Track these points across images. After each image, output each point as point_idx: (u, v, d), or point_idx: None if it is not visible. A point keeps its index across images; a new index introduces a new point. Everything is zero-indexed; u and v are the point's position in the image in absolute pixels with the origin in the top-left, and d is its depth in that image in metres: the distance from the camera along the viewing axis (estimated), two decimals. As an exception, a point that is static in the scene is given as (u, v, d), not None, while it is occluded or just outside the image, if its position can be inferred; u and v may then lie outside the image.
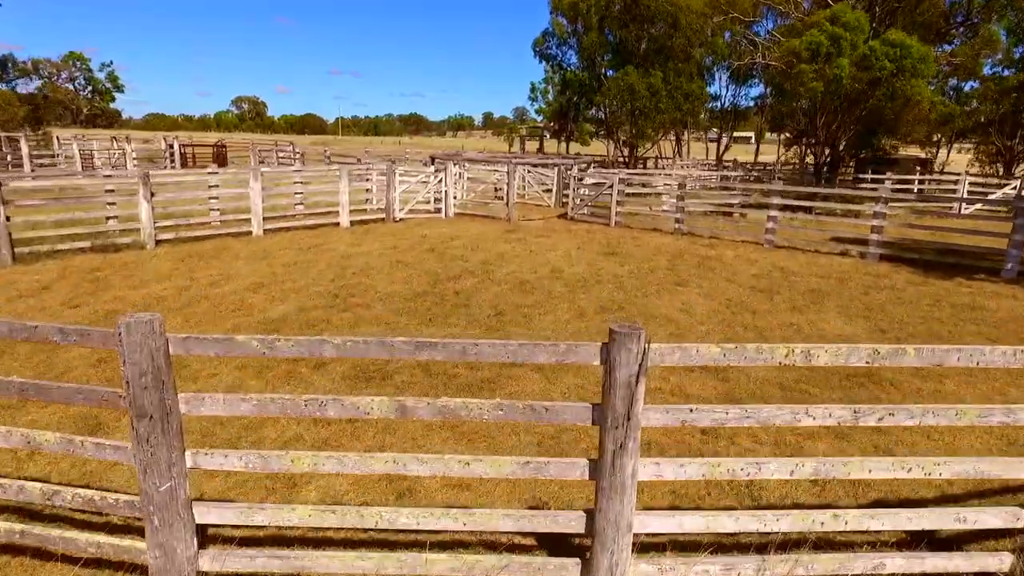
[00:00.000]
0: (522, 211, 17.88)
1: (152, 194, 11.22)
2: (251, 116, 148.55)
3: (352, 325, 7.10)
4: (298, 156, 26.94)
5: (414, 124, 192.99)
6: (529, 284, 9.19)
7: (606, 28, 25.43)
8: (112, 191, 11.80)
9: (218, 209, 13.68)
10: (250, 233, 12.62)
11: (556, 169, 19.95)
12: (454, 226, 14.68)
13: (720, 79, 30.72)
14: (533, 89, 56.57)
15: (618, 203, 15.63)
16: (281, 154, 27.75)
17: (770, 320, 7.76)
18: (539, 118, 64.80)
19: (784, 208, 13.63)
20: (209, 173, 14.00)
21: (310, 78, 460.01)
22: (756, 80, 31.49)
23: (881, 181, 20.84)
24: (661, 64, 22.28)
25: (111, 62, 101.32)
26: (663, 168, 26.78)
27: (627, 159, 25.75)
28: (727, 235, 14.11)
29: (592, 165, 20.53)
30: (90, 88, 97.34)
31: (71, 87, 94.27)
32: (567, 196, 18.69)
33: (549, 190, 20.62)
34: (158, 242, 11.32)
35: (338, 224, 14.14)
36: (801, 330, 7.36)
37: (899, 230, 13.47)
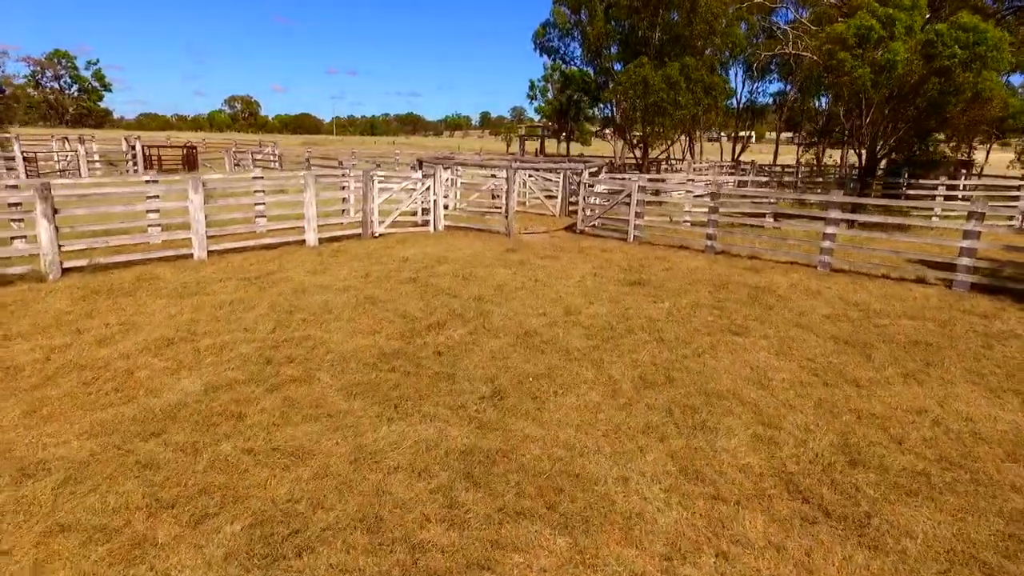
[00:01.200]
0: (523, 222, 15.54)
1: (55, 211, 8.84)
2: (244, 116, 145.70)
3: (277, 421, 4.72)
4: (275, 158, 24.52)
5: (411, 124, 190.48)
6: (537, 336, 6.83)
7: (613, 17, 23.08)
8: (18, 205, 9.47)
9: (160, 225, 11.37)
10: (191, 256, 10.24)
11: (562, 174, 17.59)
12: (443, 243, 12.32)
13: (737, 75, 28.40)
14: (532, 87, 54.47)
15: (637, 214, 13.28)
16: (258, 156, 25.32)
17: (886, 399, 5.41)
18: (538, 117, 62.64)
19: (841, 223, 11.29)
20: (147, 182, 11.62)
21: (307, 77, 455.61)
22: (775, 76, 29.19)
23: (920, 186, 18.54)
24: (677, 55, 19.92)
25: (97, 60, 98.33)
26: (679, 170, 24.45)
27: (640, 161, 23.39)
28: (769, 254, 11.77)
29: (603, 168, 18.19)
30: (76, 87, 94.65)
31: (56, 85, 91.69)
32: (574, 204, 16.39)
33: (553, 197, 18.29)
34: (65, 271, 8.94)
35: (303, 242, 11.76)
36: (942, 422, 5.00)
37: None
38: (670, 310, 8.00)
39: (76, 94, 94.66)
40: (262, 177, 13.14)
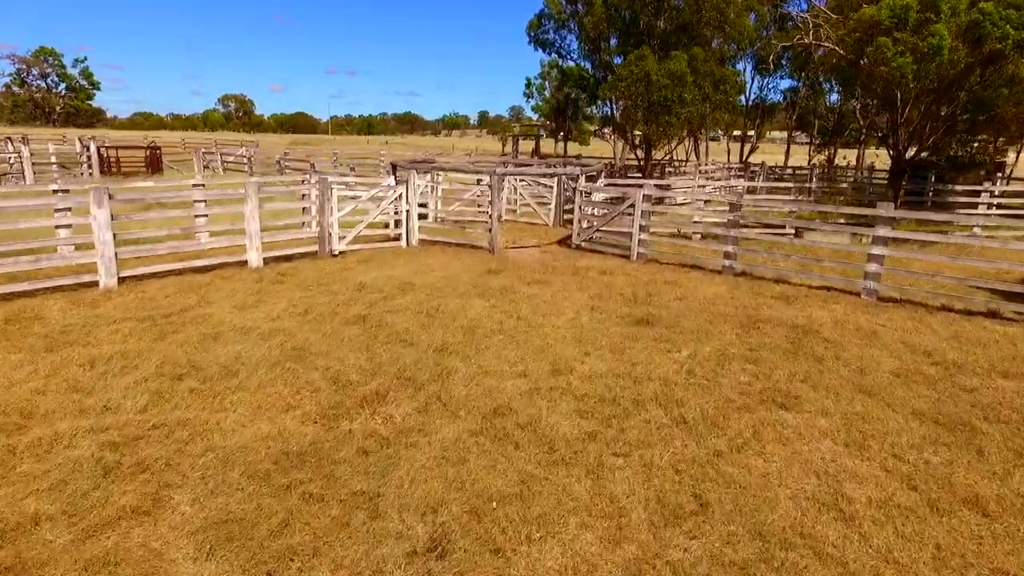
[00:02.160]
0: (512, 234, 13.66)
1: (-99, 233, 6.94)
2: (238, 115, 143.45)
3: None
4: (247, 160, 22.59)
5: (408, 123, 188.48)
6: (511, 415, 4.93)
7: (613, 6, 21.19)
8: None
9: (73, 244, 9.49)
10: (96, 285, 8.34)
11: (556, 179, 15.68)
12: (413, 263, 10.43)
13: (746, 70, 26.48)
14: (529, 85, 52.53)
15: (642, 227, 11.38)
16: (229, 158, 23.39)
17: (1037, 545, 3.52)
18: (535, 116, 60.73)
19: (888, 241, 9.39)
20: (55, 192, 9.74)
21: (306, 77, 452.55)
22: (785, 71, 27.25)
23: (951, 191, 16.65)
24: (684, 46, 18.04)
25: (85, 58, 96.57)
26: (684, 172, 22.54)
27: (642, 163, 21.50)
28: (798, 277, 9.88)
29: (602, 172, 16.29)
30: (64, 85, 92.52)
31: (43, 84, 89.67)
32: (570, 211, 14.50)
33: (547, 203, 16.39)
34: (-82, 310, 7.04)
35: (245, 263, 9.87)
36: None
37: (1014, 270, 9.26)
38: (690, 366, 6.10)
39: (64, 92, 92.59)
40: (203, 185, 11.23)
